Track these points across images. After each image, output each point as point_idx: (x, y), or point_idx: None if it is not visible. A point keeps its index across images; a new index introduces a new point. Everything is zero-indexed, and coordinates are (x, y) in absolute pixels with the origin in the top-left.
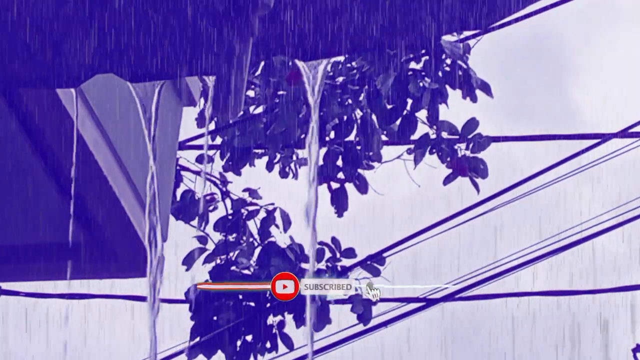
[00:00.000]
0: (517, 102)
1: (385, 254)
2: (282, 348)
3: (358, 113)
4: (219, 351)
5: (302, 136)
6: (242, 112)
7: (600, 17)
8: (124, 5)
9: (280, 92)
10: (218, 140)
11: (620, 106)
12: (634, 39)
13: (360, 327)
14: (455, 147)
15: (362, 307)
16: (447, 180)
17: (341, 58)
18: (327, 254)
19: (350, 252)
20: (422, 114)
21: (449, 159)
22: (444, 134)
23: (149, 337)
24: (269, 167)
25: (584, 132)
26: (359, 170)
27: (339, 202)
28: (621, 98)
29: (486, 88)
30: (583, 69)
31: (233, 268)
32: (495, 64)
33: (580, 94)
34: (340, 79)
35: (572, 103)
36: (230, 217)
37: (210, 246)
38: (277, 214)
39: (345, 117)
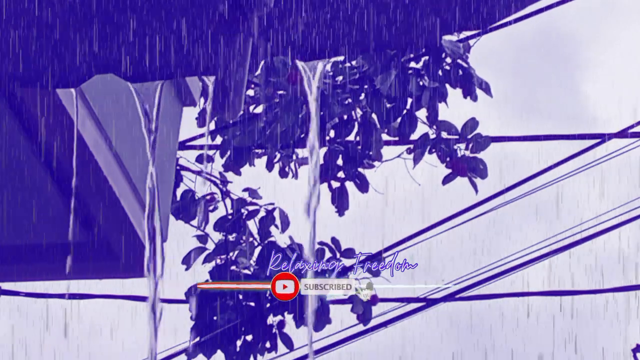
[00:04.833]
0: (523, 100)
1: (385, 254)
2: (282, 348)
3: (358, 112)
4: (219, 351)
5: (302, 136)
6: (242, 112)
7: (606, 15)
8: (123, 5)
9: (280, 92)
10: (218, 140)
11: (629, 104)
12: None
13: (360, 327)
14: (455, 147)
15: (362, 307)
16: (447, 180)
17: (341, 58)
18: (327, 254)
19: (350, 252)
20: (422, 114)
21: (448, 159)
22: (444, 134)
23: (148, 337)
24: (269, 166)
25: (588, 131)
26: (359, 170)
27: (340, 201)
28: (630, 96)
29: (486, 87)
30: (591, 66)
31: (233, 268)
32: (500, 62)
33: (588, 92)
34: (340, 78)
35: (581, 100)
36: (230, 217)
37: (210, 246)
38: (277, 214)
39: (345, 117)
